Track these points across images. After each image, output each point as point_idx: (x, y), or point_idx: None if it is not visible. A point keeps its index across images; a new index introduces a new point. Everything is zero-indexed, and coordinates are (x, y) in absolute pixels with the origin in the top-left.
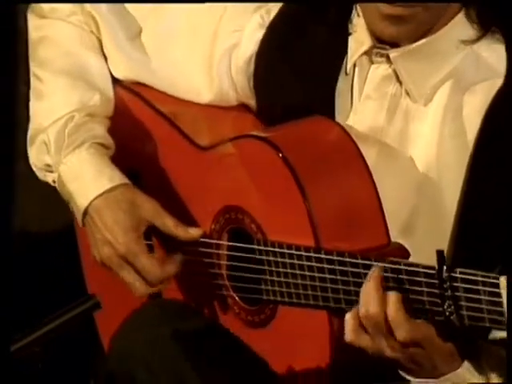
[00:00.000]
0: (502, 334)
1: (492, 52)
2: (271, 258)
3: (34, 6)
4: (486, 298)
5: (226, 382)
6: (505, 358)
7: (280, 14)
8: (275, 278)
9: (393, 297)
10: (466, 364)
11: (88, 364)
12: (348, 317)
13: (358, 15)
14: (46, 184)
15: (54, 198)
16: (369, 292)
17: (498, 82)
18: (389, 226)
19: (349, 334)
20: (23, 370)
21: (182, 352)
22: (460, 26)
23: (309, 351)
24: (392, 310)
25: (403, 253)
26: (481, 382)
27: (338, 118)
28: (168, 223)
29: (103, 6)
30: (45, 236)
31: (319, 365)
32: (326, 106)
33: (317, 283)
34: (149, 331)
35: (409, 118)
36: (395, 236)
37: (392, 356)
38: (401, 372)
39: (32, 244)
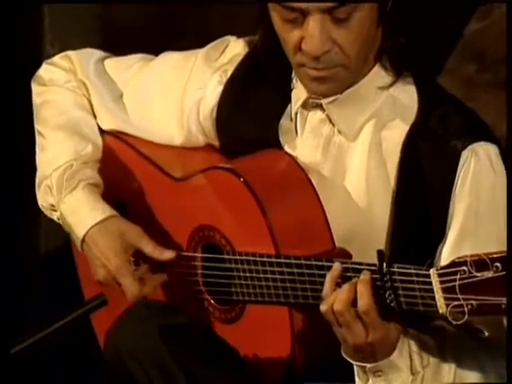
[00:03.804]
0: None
1: (405, 93)
2: (239, 266)
3: (36, 76)
4: (419, 286)
5: (205, 370)
6: (428, 344)
7: (234, 74)
8: (243, 282)
9: (364, 290)
10: (396, 352)
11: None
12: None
13: (296, 80)
14: None
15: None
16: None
17: (411, 118)
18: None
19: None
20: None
21: (165, 344)
22: (377, 75)
23: (273, 341)
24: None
25: (347, 255)
26: (406, 363)
27: None
28: (148, 247)
29: (92, 74)
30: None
31: (282, 353)
32: (274, 145)
33: (278, 284)
34: (136, 327)
35: (341, 153)
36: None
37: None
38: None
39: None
